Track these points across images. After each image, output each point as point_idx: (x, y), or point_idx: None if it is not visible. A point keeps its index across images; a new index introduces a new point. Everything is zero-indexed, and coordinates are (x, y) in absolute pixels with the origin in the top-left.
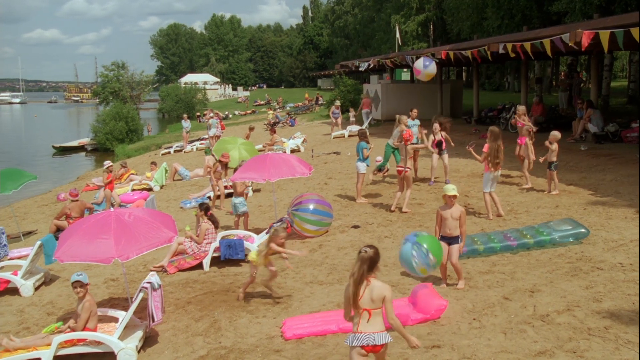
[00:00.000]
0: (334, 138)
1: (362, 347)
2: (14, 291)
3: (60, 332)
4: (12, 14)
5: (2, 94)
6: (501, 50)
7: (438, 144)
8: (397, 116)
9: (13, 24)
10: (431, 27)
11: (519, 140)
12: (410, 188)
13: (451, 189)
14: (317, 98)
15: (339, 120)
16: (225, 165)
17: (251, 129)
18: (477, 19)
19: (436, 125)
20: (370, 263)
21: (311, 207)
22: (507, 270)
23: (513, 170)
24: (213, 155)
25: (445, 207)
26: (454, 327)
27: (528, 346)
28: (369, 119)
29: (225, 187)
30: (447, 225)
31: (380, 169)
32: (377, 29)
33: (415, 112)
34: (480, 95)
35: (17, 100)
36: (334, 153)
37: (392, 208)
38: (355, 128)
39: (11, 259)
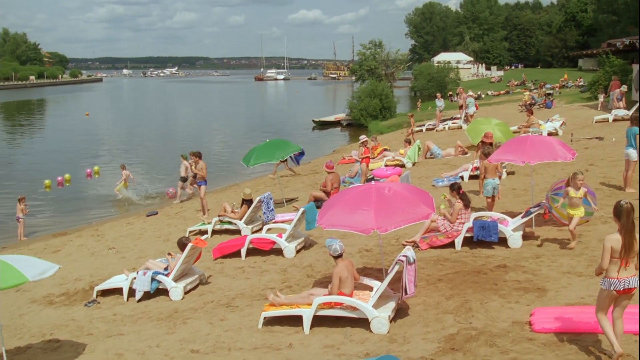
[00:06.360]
0: (595, 122)
1: (617, 291)
2: (278, 252)
3: None
4: None
5: (269, 71)
6: None
7: None
8: None
9: (281, 6)
10: None
11: None
12: None
13: None
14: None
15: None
16: (490, 145)
17: (411, 115)
18: None
19: None
20: (634, 212)
21: None
22: None
23: None
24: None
25: None
26: None
27: None
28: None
29: (475, 169)
30: None
31: None
32: None
33: None
34: None
35: (282, 77)
36: (596, 138)
37: None
38: (621, 112)
39: (275, 222)
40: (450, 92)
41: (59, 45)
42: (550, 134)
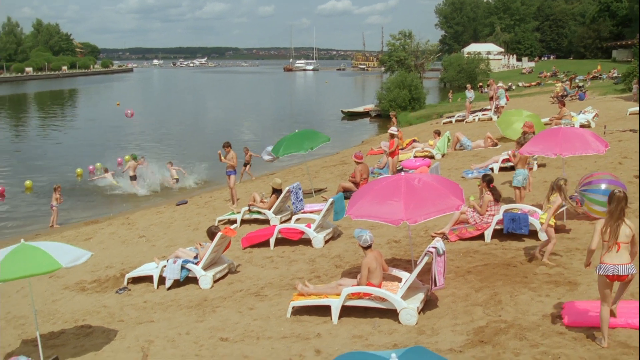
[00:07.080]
0: (629, 114)
1: (607, 276)
2: (307, 242)
3: None
4: None
5: (298, 62)
6: None
7: None
8: None
9: None
10: None
11: None
12: None
13: None
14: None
15: None
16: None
17: (394, 115)
18: None
19: None
20: (625, 201)
21: (603, 187)
22: None
23: None
24: None
25: None
26: None
27: None
28: None
29: (505, 161)
30: None
31: None
32: None
33: None
34: None
35: (310, 67)
36: (630, 130)
37: None
38: None
39: (304, 212)
40: (481, 84)
41: (90, 36)
42: (582, 126)
